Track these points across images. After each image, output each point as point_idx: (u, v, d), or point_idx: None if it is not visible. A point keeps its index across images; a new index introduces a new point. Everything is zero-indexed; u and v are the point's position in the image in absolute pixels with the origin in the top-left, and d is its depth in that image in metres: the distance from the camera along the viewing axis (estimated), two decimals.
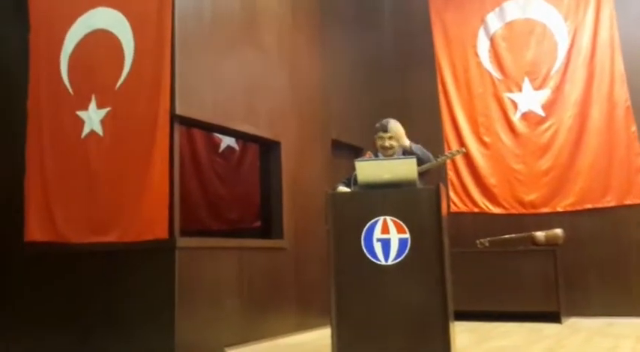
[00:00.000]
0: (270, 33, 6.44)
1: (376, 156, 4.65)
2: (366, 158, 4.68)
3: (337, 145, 7.31)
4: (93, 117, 5.34)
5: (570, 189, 6.93)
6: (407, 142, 4.61)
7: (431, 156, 4.60)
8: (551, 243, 6.70)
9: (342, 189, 4.40)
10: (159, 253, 4.98)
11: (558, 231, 6.72)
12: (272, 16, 6.49)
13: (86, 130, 5.37)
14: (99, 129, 5.31)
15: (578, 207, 6.89)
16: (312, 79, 7.05)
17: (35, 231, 5.43)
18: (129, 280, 5.10)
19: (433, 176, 4.79)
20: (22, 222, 5.46)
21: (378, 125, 4.62)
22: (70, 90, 5.53)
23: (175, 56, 5.13)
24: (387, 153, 4.58)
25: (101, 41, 5.43)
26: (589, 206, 6.87)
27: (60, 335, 5.27)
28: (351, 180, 4.41)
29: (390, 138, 4.57)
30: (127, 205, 5.06)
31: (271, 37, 6.45)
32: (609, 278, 6.74)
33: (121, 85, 5.26)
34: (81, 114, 5.40)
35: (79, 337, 5.19)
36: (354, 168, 4.33)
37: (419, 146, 4.64)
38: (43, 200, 5.46)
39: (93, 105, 5.36)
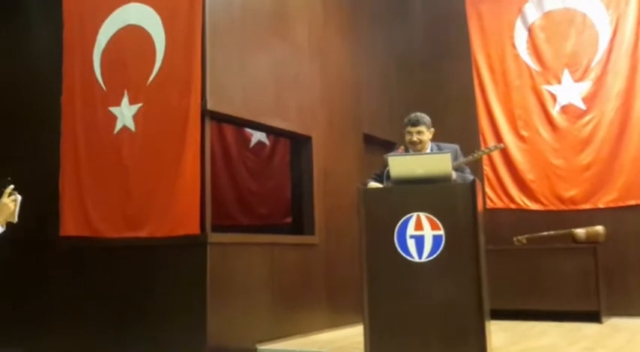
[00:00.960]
0: (301, 27, 6.39)
1: (407, 150, 4.55)
2: (398, 153, 4.59)
3: (369, 140, 7.23)
4: (125, 113, 5.37)
5: (613, 184, 6.72)
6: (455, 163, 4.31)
7: (470, 176, 4.38)
8: (591, 241, 6.51)
9: (373, 184, 4.32)
10: (191, 248, 4.99)
11: (599, 228, 6.52)
12: (302, 10, 6.43)
13: (119, 126, 5.40)
14: (131, 125, 5.33)
15: (621, 203, 6.68)
16: (342, 73, 6.97)
17: (70, 225, 5.51)
18: (161, 275, 5.13)
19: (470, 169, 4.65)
20: (58, 217, 5.51)
21: (406, 120, 4.51)
22: (103, 86, 5.56)
23: (206, 51, 5.12)
24: (415, 148, 4.47)
25: (133, 37, 5.46)
26: (632, 202, 6.66)
27: (93, 328, 5.32)
28: (382, 175, 4.32)
29: (419, 132, 4.45)
30: (159, 200, 5.08)
31: (302, 31, 6.39)
32: None
33: (153, 80, 5.28)
34: (113, 110, 5.44)
35: (112, 331, 5.24)
36: (385, 163, 4.25)
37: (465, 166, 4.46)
38: (78, 195, 5.52)
39: (125, 101, 5.39)
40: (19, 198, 2.76)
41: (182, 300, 4.97)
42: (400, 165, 4.11)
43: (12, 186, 2.76)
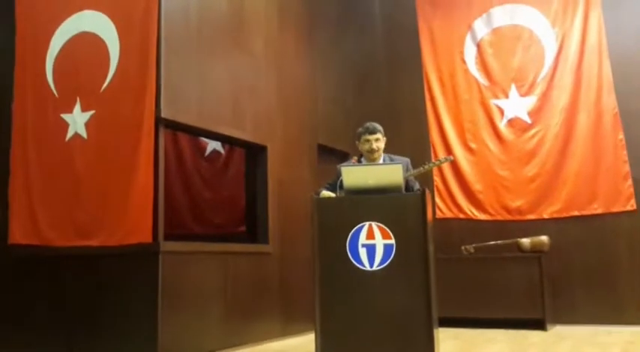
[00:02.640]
0: (258, 36, 6.43)
1: (360, 161, 4.64)
2: (351, 163, 4.67)
3: (324, 150, 7.30)
4: (77, 120, 5.31)
5: (557, 195, 6.93)
6: (406, 174, 4.46)
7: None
8: (536, 250, 6.70)
9: (326, 193, 4.39)
10: (143, 257, 4.95)
11: (544, 238, 6.72)
12: (259, 20, 6.48)
13: (70, 133, 5.34)
14: (83, 132, 5.28)
15: (565, 214, 6.89)
16: (299, 84, 7.04)
17: (19, 233, 5.41)
18: (112, 284, 5.07)
19: (420, 181, 4.78)
20: (6, 224, 5.40)
21: (361, 129, 4.60)
22: (55, 92, 5.49)
23: (161, 59, 5.11)
24: (373, 156, 4.56)
25: (87, 44, 5.41)
26: (575, 213, 6.87)
27: (43, 339, 5.22)
28: (335, 185, 4.39)
29: (377, 140, 4.56)
30: (111, 209, 5.04)
31: (258, 40, 6.43)
32: (595, 285, 6.74)
33: (106, 87, 5.23)
34: (65, 117, 5.37)
35: (61, 341, 5.15)
36: (338, 173, 4.32)
37: (412, 179, 4.59)
38: (27, 203, 5.43)
39: (77, 108, 5.33)
40: None
41: (133, 310, 4.92)
42: (353, 175, 4.18)
43: None
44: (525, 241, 6.75)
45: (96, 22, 5.39)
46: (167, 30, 5.20)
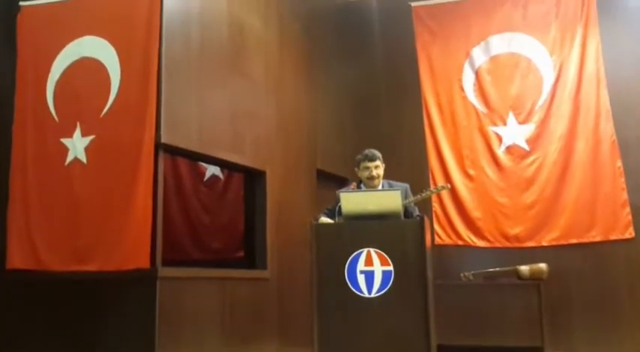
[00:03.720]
0: (257, 63, 6.49)
1: (359, 187, 4.65)
2: (350, 189, 4.68)
3: (322, 175, 7.32)
4: (77, 145, 5.32)
5: (555, 223, 6.90)
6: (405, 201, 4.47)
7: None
8: (535, 278, 6.67)
9: (325, 219, 4.39)
10: (140, 282, 4.93)
11: (543, 266, 6.69)
12: (259, 46, 6.54)
13: (70, 158, 5.34)
14: (82, 157, 5.29)
15: (563, 242, 6.85)
16: (298, 110, 7.08)
17: (17, 258, 5.36)
18: (110, 310, 5.04)
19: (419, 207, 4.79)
20: (4, 249, 5.38)
21: (360, 156, 4.63)
22: (56, 117, 5.51)
23: (161, 84, 5.15)
24: (373, 182, 4.58)
25: (88, 69, 5.44)
26: (574, 240, 6.83)
27: None
28: (333, 211, 4.40)
29: (376, 167, 4.59)
30: (110, 234, 5.02)
31: (258, 66, 6.49)
32: (593, 313, 6.71)
33: (106, 112, 5.26)
34: (65, 141, 5.38)
35: None
36: (337, 199, 4.33)
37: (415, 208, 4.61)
38: (26, 227, 5.40)
39: (77, 132, 5.35)
40: None
41: (131, 335, 4.89)
42: (352, 201, 4.20)
43: None
44: (524, 269, 6.72)
45: (97, 48, 5.43)
46: (167, 56, 5.25)
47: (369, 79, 8.31)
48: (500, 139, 7.23)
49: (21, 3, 5.84)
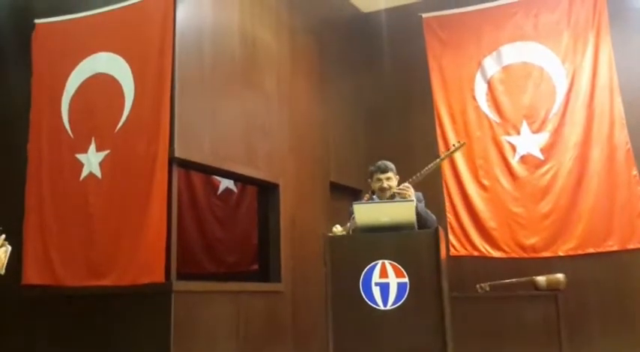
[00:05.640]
0: (270, 76, 6.52)
1: (372, 198, 4.64)
2: (364, 201, 4.67)
3: (336, 187, 7.31)
4: (92, 160, 5.37)
5: (571, 232, 6.82)
6: (413, 197, 4.52)
7: (433, 216, 4.56)
8: (552, 288, 6.59)
9: (339, 228, 4.38)
10: (155, 297, 4.93)
11: (560, 276, 6.62)
12: (271, 60, 6.57)
13: (85, 173, 5.39)
14: (97, 172, 5.32)
15: (580, 252, 6.76)
16: (311, 122, 7.09)
17: (32, 273, 5.39)
18: (125, 324, 5.04)
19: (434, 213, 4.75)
20: (20, 264, 5.41)
21: (373, 168, 4.62)
22: (70, 133, 5.57)
23: (175, 99, 5.18)
24: (385, 194, 4.56)
25: (102, 85, 5.50)
26: (591, 250, 6.75)
27: None
28: (349, 224, 4.38)
29: (388, 179, 4.58)
30: (124, 248, 5.04)
31: (271, 80, 6.52)
32: (612, 323, 6.62)
33: (121, 127, 5.30)
34: (80, 156, 5.43)
35: None
36: (351, 212, 4.32)
37: (422, 205, 4.60)
38: (41, 242, 5.44)
39: (92, 147, 5.40)
40: (9, 248, 2.57)
41: (146, 349, 4.89)
42: (365, 213, 4.18)
43: (3, 236, 2.54)
44: (541, 279, 6.65)
45: (111, 64, 5.49)
46: (181, 70, 5.29)
47: (381, 89, 8.32)
48: (514, 149, 7.18)
49: (36, 20, 5.92)
